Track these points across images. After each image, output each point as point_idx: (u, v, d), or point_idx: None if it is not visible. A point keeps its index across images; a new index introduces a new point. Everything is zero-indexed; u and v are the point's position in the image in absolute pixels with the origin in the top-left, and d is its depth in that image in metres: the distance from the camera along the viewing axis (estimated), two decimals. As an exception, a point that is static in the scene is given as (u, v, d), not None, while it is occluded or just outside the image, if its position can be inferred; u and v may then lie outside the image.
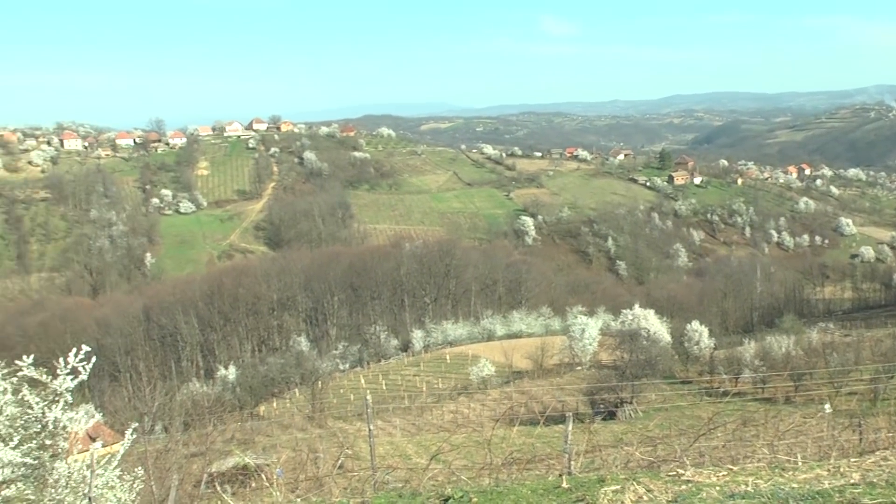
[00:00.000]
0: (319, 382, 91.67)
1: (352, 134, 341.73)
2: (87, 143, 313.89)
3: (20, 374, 12.79)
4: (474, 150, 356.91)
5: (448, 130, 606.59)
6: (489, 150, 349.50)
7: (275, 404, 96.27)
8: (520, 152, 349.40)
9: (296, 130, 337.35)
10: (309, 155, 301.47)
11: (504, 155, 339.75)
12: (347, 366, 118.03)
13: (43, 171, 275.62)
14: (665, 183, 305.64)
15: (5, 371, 13.25)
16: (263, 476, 19.31)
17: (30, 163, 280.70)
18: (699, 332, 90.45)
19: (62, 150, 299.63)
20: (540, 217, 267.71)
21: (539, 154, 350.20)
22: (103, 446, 16.34)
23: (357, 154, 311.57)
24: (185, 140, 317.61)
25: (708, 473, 9.65)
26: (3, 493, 11.17)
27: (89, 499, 13.14)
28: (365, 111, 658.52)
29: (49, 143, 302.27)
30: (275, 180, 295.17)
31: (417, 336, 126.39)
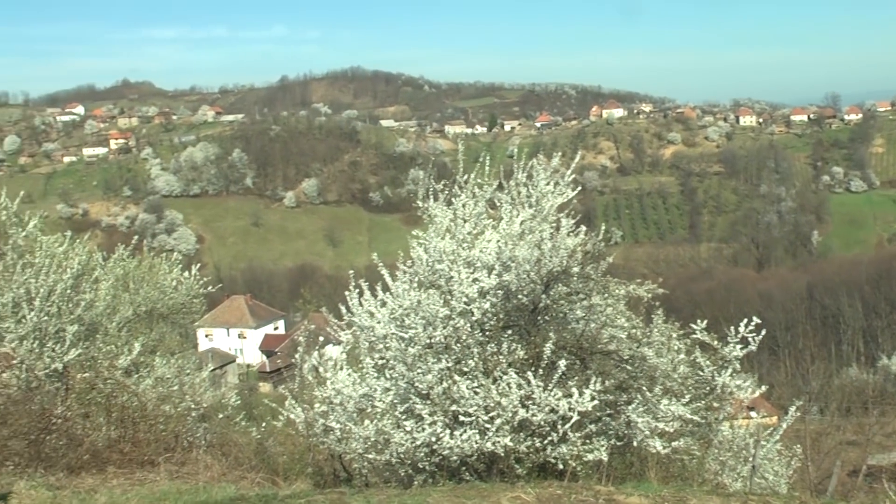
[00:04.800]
0: None
1: None
2: (761, 120, 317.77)
3: (692, 336, 13.53)
4: None
5: None
6: None
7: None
8: None
9: None
10: None
11: None
12: None
13: (717, 147, 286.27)
14: None
15: (680, 332, 14.16)
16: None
17: (706, 138, 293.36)
18: None
19: (737, 127, 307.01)
20: None
21: None
22: (761, 418, 16.83)
23: None
24: (861, 116, 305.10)
25: None
26: (673, 443, 12.06)
27: (753, 466, 13.63)
28: None
29: (725, 120, 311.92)
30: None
31: None
